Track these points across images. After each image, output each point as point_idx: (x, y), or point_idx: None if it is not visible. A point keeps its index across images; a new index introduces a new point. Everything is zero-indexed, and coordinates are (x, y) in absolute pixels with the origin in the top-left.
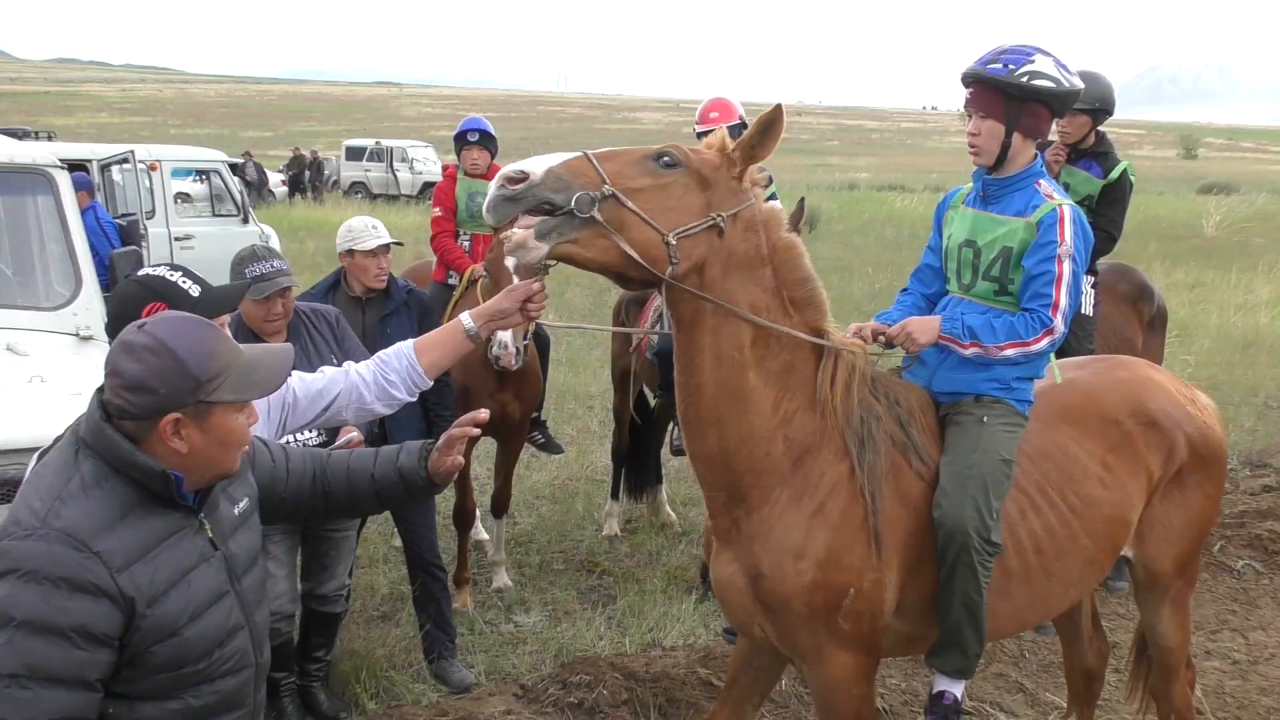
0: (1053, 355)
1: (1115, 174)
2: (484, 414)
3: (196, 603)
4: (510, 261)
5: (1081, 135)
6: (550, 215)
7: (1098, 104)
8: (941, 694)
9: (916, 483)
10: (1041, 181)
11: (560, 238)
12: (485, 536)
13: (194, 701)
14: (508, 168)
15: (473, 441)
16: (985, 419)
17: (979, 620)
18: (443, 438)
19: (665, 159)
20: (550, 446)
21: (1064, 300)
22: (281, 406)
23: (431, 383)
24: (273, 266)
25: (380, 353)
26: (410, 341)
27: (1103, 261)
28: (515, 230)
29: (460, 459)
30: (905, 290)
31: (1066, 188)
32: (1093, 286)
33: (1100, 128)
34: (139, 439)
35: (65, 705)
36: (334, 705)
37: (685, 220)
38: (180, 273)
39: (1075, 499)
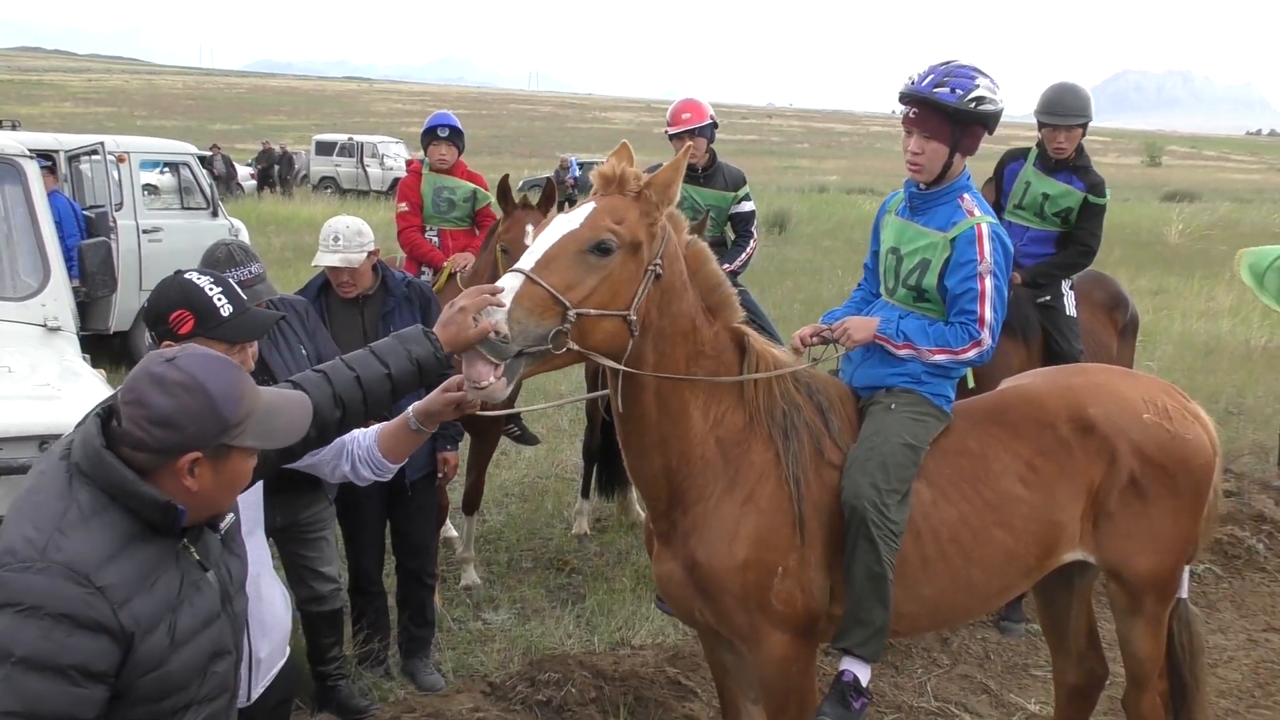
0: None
1: (1104, 199)
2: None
3: (185, 629)
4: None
5: (1074, 148)
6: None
7: (1086, 117)
8: (842, 673)
9: (833, 468)
10: (965, 196)
11: (527, 366)
12: (454, 534)
13: None
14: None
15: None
16: (893, 406)
17: (883, 593)
18: (445, 313)
19: (602, 247)
20: (526, 438)
21: (989, 314)
22: None
23: (396, 469)
24: (250, 273)
25: (359, 431)
26: (376, 428)
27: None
28: (489, 381)
29: (471, 322)
30: (858, 288)
31: (1045, 198)
32: (1070, 289)
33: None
34: (148, 471)
35: None
36: (361, 698)
37: (633, 291)
38: (221, 288)
39: (991, 493)
